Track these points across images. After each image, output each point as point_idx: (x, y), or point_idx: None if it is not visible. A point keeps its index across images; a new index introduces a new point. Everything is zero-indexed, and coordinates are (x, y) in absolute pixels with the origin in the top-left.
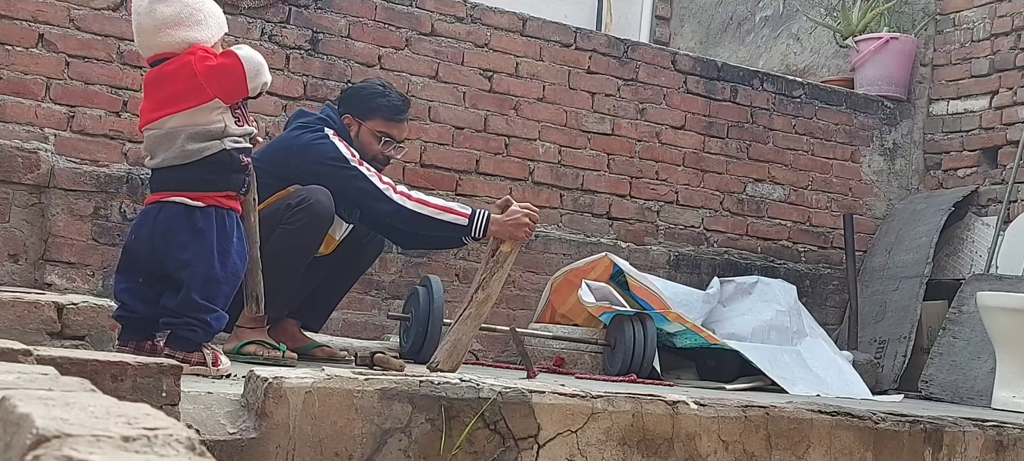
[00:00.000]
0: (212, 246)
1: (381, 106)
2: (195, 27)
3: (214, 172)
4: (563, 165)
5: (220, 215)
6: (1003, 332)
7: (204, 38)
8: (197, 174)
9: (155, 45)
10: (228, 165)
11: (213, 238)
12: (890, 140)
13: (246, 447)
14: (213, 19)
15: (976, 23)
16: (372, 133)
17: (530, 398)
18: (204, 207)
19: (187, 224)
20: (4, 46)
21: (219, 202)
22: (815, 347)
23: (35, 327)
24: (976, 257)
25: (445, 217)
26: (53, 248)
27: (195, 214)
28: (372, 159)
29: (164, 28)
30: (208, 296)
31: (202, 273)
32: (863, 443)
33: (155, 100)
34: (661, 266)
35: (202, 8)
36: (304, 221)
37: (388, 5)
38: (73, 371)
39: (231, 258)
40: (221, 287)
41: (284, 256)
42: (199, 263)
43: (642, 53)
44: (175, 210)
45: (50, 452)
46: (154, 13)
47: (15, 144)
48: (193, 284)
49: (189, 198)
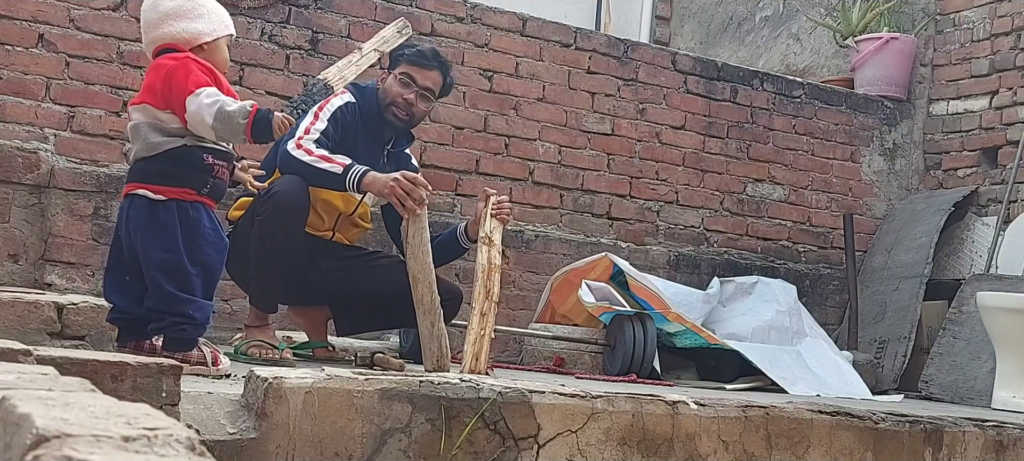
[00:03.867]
0: (177, 240)
1: (408, 54)
2: (195, 20)
3: (175, 166)
4: (563, 165)
5: (183, 208)
6: (1003, 332)
7: (204, 29)
8: (158, 166)
9: (157, 38)
10: (189, 161)
11: (177, 231)
12: (890, 140)
13: (246, 447)
14: (214, 15)
15: (976, 23)
16: (396, 77)
17: (530, 398)
18: (165, 200)
19: (151, 220)
20: (4, 46)
21: (180, 196)
22: (815, 347)
23: (35, 327)
24: (976, 257)
25: (322, 165)
26: (53, 248)
27: (157, 209)
28: (391, 103)
29: (166, 20)
30: (183, 288)
31: (171, 266)
32: (863, 443)
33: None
34: (661, 266)
35: (203, 3)
36: (269, 211)
37: (388, 5)
38: (73, 371)
39: (202, 250)
40: (193, 279)
41: (257, 245)
42: (167, 256)
43: (642, 53)
44: (140, 204)
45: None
46: (158, 7)
47: (15, 144)
48: (163, 277)
49: (151, 191)
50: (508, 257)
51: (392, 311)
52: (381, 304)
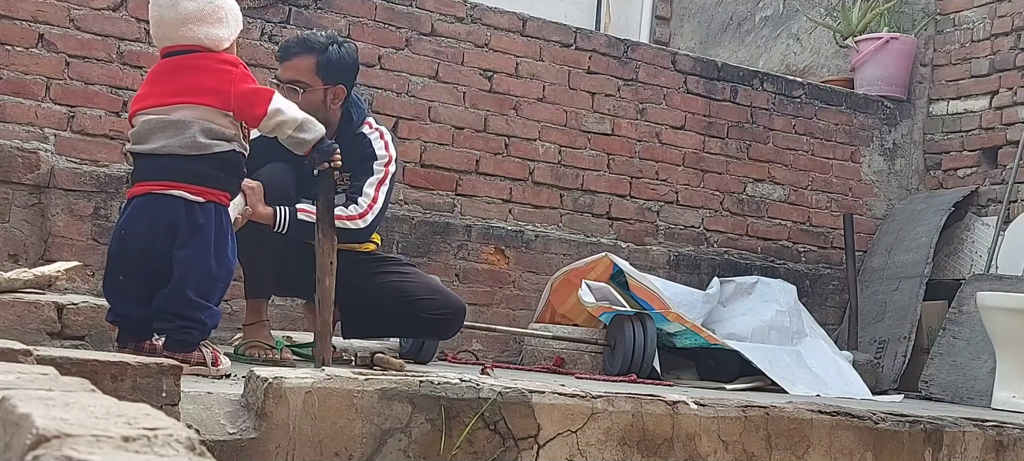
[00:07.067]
0: (210, 243)
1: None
2: (217, 24)
3: (221, 170)
4: (563, 165)
5: (219, 212)
6: (1003, 332)
7: (225, 35)
8: (203, 168)
9: (176, 38)
10: (233, 167)
11: (212, 235)
12: (890, 140)
13: (246, 447)
14: (233, 18)
15: (976, 23)
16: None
17: (530, 398)
18: (204, 203)
19: (188, 220)
20: (4, 46)
21: (218, 199)
22: (815, 347)
23: (35, 327)
24: (976, 257)
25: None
26: (53, 248)
27: (195, 210)
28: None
29: (187, 22)
30: (203, 293)
31: (199, 270)
32: (863, 443)
33: (169, 87)
34: (661, 266)
35: (224, 6)
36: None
37: (388, 5)
38: (73, 371)
39: (226, 255)
40: (216, 284)
41: (244, 232)
42: (197, 260)
43: (642, 53)
44: (175, 204)
45: (50, 452)
46: (177, 7)
47: (15, 144)
48: (189, 281)
49: (190, 192)
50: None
51: (400, 318)
52: (390, 311)
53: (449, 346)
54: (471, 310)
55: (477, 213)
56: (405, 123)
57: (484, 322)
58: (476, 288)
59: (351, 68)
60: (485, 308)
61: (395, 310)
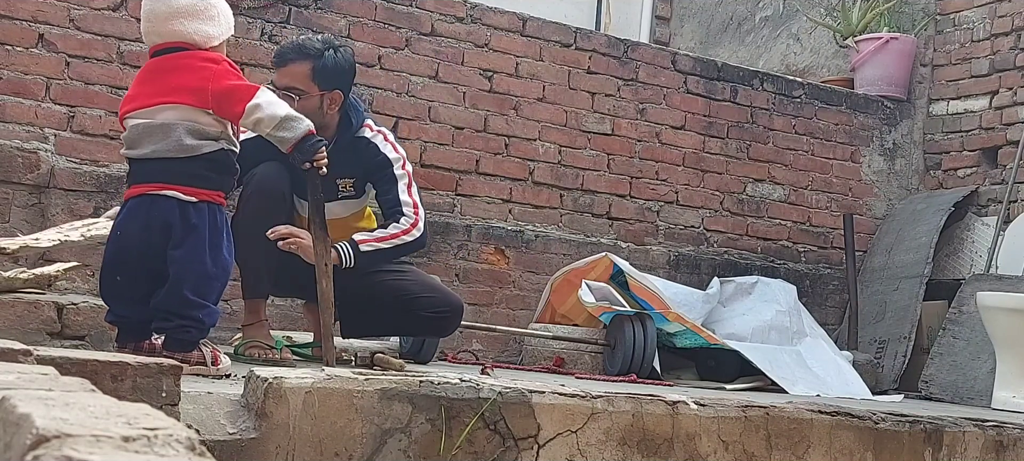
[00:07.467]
0: (205, 242)
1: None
2: (208, 21)
3: (211, 169)
4: (563, 165)
5: (213, 211)
6: (1003, 332)
7: (215, 33)
8: (193, 169)
9: (165, 33)
10: (224, 165)
11: (206, 234)
12: (890, 140)
13: (246, 447)
14: (224, 18)
15: (976, 23)
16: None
17: (530, 398)
18: (197, 202)
19: (182, 220)
20: (4, 46)
21: (212, 198)
22: (815, 347)
23: (35, 327)
24: (976, 257)
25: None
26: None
27: (189, 209)
28: None
29: (178, 16)
30: (200, 292)
31: (195, 270)
32: (863, 443)
33: (153, 87)
34: (661, 266)
35: (216, 4)
36: (249, 195)
37: (388, 5)
38: (73, 371)
39: (222, 254)
40: (213, 283)
41: (240, 231)
42: (192, 259)
43: (642, 53)
44: (169, 205)
45: (50, 452)
46: (169, 1)
47: (15, 144)
48: (185, 280)
49: (182, 193)
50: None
51: (399, 317)
52: (388, 310)
53: (449, 346)
54: (471, 310)
55: (477, 213)
56: (405, 123)
57: (484, 322)
58: (476, 288)
59: (347, 73)
60: (485, 308)
61: (394, 309)
